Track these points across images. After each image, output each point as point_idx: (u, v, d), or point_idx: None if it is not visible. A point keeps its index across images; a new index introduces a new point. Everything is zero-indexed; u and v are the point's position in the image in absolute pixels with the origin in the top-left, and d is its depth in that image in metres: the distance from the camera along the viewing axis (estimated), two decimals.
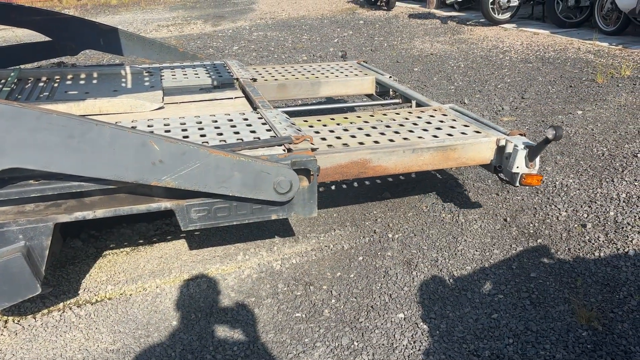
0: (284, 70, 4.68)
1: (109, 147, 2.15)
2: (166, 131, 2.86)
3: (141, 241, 3.36)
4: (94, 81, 3.88)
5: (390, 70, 7.08)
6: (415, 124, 3.22)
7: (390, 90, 4.24)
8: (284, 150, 2.64)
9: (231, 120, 3.08)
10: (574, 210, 3.40)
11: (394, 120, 3.31)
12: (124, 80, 3.92)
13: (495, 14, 9.35)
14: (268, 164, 2.45)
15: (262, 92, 4.21)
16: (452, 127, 3.18)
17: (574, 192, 3.60)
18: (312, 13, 12.54)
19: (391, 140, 2.95)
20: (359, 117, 3.37)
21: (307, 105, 5.31)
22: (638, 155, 3.99)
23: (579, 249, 3.02)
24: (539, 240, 3.15)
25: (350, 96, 5.44)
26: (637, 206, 3.33)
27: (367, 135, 3.03)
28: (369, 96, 4.60)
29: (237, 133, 2.85)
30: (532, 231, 3.24)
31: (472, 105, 5.51)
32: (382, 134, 3.06)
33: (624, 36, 7.72)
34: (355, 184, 3.98)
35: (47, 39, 4.53)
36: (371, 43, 8.85)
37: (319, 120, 3.29)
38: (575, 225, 3.24)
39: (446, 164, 3.00)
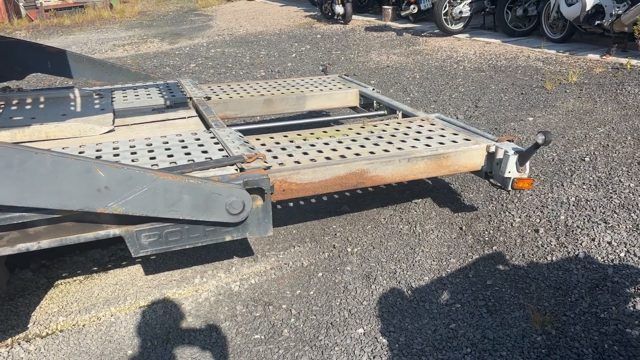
0: (268, 86, 4.70)
1: (50, 175, 2.09)
2: (115, 155, 2.80)
3: (95, 268, 3.27)
4: (41, 106, 3.78)
5: None
6: (406, 134, 3.30)
7: (375, 102, 4.30)
8: (236, 169, 2.62)
9: (183, 140, 3.04)
10: (527, 215, 3.48)
11: (385, 131, 3.37)
12: (72, 103, 3.83)
13: (448, 24, 9.56)
14: (219, 185, 2.42)
15: (248, 107, 4.32)
16: (442, 135, 3.27)
17: (527, 198, 3.68)
18: (270, 28, 12.57)
19: (386, 151, 3.01)
20: (351, 129, 3.42)
21: (291, 120, 5.29)
22: (585, 159, 4.12)
23: (532, 254, 3.09)
24: (494, 247, 3.20)
25: (334, 109, 5.46)
26: (586, 209, 3.43)
27: (362, 146, 3.09)
28: (353, 108, 4.64)
29: (188, 154, 2.81)
30: (487, 238, 3.30)
31: None
32: (376, 144, 3.12)
33: (570, 43, 8.00)
34: (325, 198, 3.98)
35: None
36: (329, 57, 8.92)
37: (312, 134, 3.32)
38: (529, 231, 3.31)
39: (439, 171, 3.08)
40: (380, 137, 3.27)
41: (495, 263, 3.06)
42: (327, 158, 2.92)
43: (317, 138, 3.25)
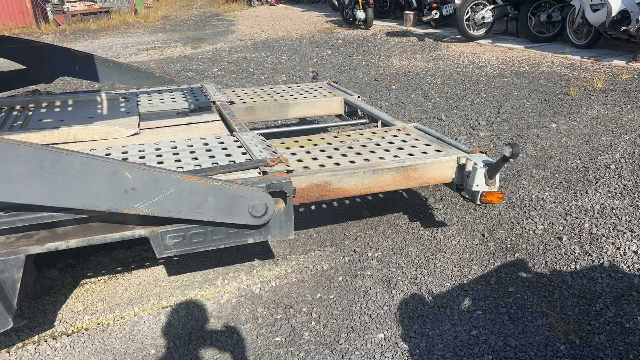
0: (253, 93, 4.67)
1: (79, 176, 2.14)
2: (141, 157, 2.85)
3: (119, 268, 3.32)
4: (69, 108, 3.86)
5: (368, 88, 7.16)
6: (377, 145, 3.22)
7: (359, 110, 4.25)
8: (259, 173, 2.65)
9: (207, 144, 3.08)
10: (550, 223, 3.44)
11: (357, 141, 3.29)
12: (99, 106, 3.91)
13: (470, 30, 9.52)
14: (243, 188, 2.45)
15: None
16: (414, 146, 3.18)
17: (550, 205, 3.64)
18: (291, 33, 12.66)
19: (352, 162, 2.93)
20: (323, 138, 3.35)
21: (279, 127, 5.33)
22: (611, 166, 4.06)
23: (555, 262, 3.05)
24: (516, 255, 3.17)
25: (323, 116, 5.46)
26: (611, 217, 3.38)
27: (329, 157, 3.02)
28: (339, 116, 4.61)
29: (212, 157, 2.85)
30: (509, 245, 3.27)
31: (450, 121, 5.58)
32: (344, 155, 3.04)
33: (595, 49, 7.90)
34: (335, 204, 3.99)
35: (22, 67, 4.51)
36: (349, 62, 8.94)
37: (282, 143, 3.27)
38: (552, 238, 3.28)
39: (407, 184, 2.99)
40: (350, 147, 3.17)
41: (517, 270, 3.03)
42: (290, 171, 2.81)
43: (287, 148, 3.17)
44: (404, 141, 3.29)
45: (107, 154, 2.89)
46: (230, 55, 10.29)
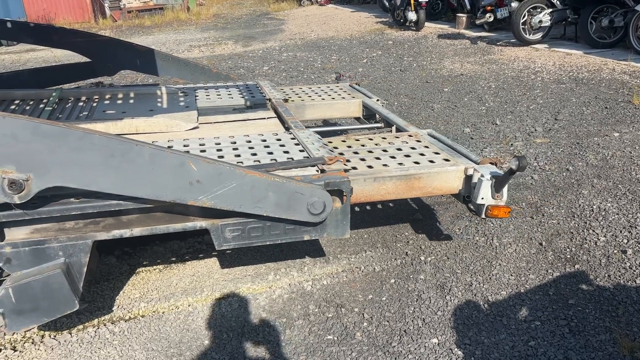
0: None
1: (148, 166, 2.19)
2: (202, 151, 2.90)
3: (174, 259, 3.39)
4: (131, 101, 3.98)
5: (419, 90, 7.07)
6: (385, 151, 3.09)
7: (376, 114, 4.11)
8: (317, 171, 2.65)
9: (265, 140, 3.11)
10: (613, 235, 3.31)
11: (364, 146, 3.17)
12: (159, 100, 4.01)
13: (526, 34, 9.27)
14: (302, 185, 2.46)
15: None
16: (422, 154, 3.03)
17: (613, 217, 3.50)
18: (341, 34, 12.66)
19: (354, 168, 2.82)
20: (330, 142, 3.25)
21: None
22: None
23: (619, 276, 2.93)
24: (576, 266, 3.06)
25: (343, 119, 5.37)
26: None
27: None
28: (357, 119, 4.47)
29: (270, 153, 2.87)
30: (569, 256, 3.16)
31: (504, 126, 5.45)
32: (348, 160, 2.92)
33: None
34: (380, 206, 3.96)
35: (86, 59, 4.67)
36: (400, 63, 8.86)
37: None
38: (615, 251, 3.15)
39: (411, 193, 2.87)
40: (356, 152, 3.06)
41: (577, 282, 2.93)
42: None
43: None
44: (412, 148, 3.14)
45: (169, 147, 2.96)
46: (281, 54, 10.37)
